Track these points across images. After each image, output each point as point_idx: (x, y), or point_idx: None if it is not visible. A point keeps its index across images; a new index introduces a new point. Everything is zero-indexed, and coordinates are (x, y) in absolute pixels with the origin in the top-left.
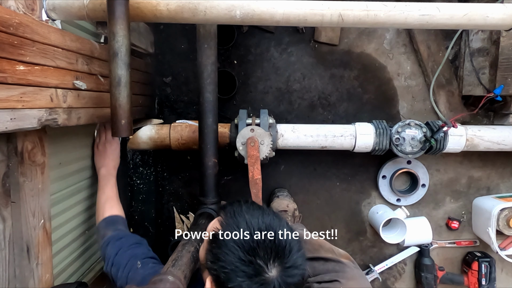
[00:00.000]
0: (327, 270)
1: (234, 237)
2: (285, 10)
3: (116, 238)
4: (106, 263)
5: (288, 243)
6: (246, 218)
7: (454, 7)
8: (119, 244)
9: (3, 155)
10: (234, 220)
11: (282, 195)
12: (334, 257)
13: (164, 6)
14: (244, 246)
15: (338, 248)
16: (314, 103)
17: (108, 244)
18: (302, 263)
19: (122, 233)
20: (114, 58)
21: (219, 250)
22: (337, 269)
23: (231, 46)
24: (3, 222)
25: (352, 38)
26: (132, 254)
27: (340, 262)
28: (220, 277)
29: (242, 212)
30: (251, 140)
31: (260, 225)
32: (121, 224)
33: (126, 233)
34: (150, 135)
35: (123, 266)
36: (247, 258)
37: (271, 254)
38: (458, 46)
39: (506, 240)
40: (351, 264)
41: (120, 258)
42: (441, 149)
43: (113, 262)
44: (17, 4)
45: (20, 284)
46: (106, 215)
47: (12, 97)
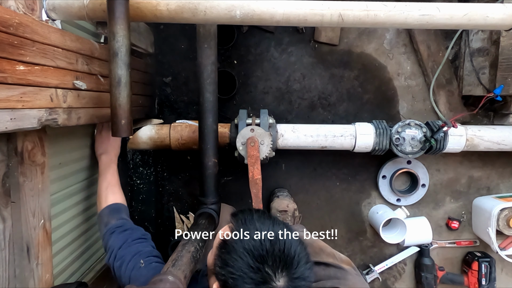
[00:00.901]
0: (329, 276)
1: (244, 244)
2: (285, 10)
3: (121, 229)
4: (109, 254)
5: (297, 254)
6: (257, 226)
7: (454, 7)
8: (123, 237)
9: (3, 155)
10: (245, 227)
11: (282, 195)
12: (335, 263)
13: (164, 6)
14: (254, 253)
15: (339, 253)
16: (314, 103)
17: (112, 234)
18: (309, 275)
19: (127, 224)
20: (114, 58)
21: (228, 256)
22: (339, 276)
23: (231, 46)
24: (3, 222)
25: (352, 38)
26: (136, 250)
27: (342, 269)
28: (228, 283)
29: (253, 220)
30: (251, 140)
31: (270, 234)
32: (124, 213)
33: (131, 224)
34: (150, 135)
35: (127, 262)
36: (255, 265)
37: (279, 264)
38: (458, 46)
39: (506, 240)
40: (353, 271)
41: (124, 253)
42: (441, 149)
43: (116, 255)
44: (17, 4)
45: (20, 284)
46: (110, 202)
47: (12, 97)
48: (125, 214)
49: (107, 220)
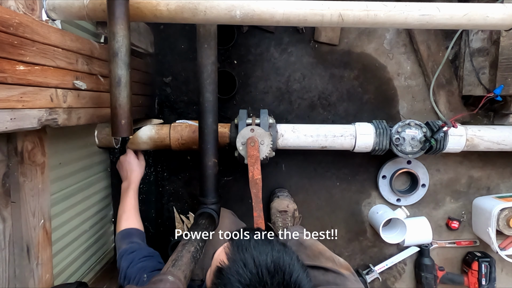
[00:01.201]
0: (327, 282)
1: (240, 277)
2: (285, 10)
3: (129, 252)
4: (120, 275)
5: (298, 283)
6: (254, 255)
7: (454, 7)
8: (131, 258)
9: (3, 155)
10: (241, 256)
11: (282, 195)
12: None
13: (164, 6)
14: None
15: (339, 257)
16: (314, 103)
17: (122, 257)
18: None
19: (135, 246)
20: (114, 58)
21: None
22: (338, 282)
23: (231, 46)
24: (3, 222)
25: (352, 38)
26: (141, 267)
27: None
28: None
29: (250, 247)
30: (251, 140)
31: (268, 264)
32: (136, 237)
33: (139, 246)
34: (150, 135)
35: (132, 279)
36: None
37: None
38: (458, 46)
39: (506, 240)
40: (352, 277)
41: (131, 271)
42: (441, 149)
43: (125, 275)
44: (17, 4)
45: (20, 284)
46: (122, 228)
47: (12, 97)
48: (136, 237)
49: (119, 245)
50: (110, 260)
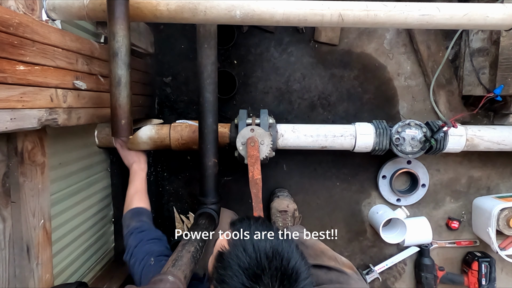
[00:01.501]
0: (331, 280)
1: (239, 261)
2: (285, 10)
3: (139, 230)
4: (126, 252)
5: (296, 270)
6: (253, 241)
7: (454, 7)
8: (140, 236)
9: (3, 155)
10: (241, 241)
11: (282, 195)
12: (337, 267)
13: (164, 6)
14: (249, 271)
15: (341, 256)
16: (314, 103)
17: (131, 234)
18: None
19: (145, 225)
20: (114, 58)
21: (224, 272)
22: (341, 280)
23: (231, 46)
24: (3, 222)
25: (352, 38)
26: (149, 249)
27: (344, 273)
28: None
29: (250, 233)
30: (251, 140)
31: (267, 249)
32: (145, 216)
33: (149, 226)
34: (150, 135)
35: (139, 260)
36: (250, 284)
37: (276, 282)
38: (458, 46)
39: (506, 240)
40: (355, 275)
41: (138, 251)
42: (441, 149)
43: (132, 253)
44: (17, 4)
45: (20, 284)
46: (133, 206)
47: (12, 97)
48: (146, 217)
49: (128, 223)
50: (110, 260)
